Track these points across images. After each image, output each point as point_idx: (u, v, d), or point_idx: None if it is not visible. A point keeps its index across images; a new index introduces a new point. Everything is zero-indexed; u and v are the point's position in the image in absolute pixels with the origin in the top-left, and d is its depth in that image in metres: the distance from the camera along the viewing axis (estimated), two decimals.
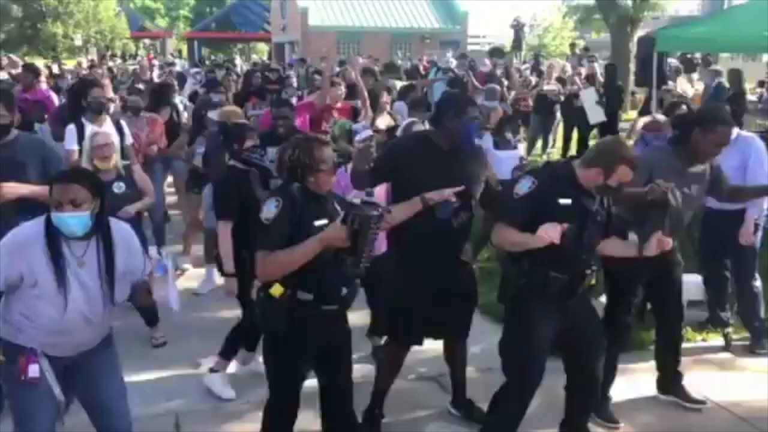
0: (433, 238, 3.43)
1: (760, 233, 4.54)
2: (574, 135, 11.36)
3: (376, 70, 10.27)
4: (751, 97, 13.78)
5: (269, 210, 2.86)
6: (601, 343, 3.48)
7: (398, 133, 5.14)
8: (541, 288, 3.22)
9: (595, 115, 10.09)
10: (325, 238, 2.81)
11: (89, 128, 5.22)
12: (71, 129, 5.37)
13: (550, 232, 2.99)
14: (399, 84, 10.42)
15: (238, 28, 37.13)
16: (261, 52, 42.70)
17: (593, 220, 3.25)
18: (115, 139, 5.09)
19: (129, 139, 5.72)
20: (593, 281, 3.41)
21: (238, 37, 40.23)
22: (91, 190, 2.64)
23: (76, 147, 5.23)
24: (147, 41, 46.13)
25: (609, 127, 10.21)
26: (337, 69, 15.57)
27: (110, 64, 20.30)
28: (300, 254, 2.82)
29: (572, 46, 19.94)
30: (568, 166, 3.33)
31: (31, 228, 2.67)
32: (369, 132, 4.44)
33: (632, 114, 14.07)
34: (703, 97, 11.49)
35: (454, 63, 17.46)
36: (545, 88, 11.19)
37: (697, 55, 13.10)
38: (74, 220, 2.60)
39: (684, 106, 5.79)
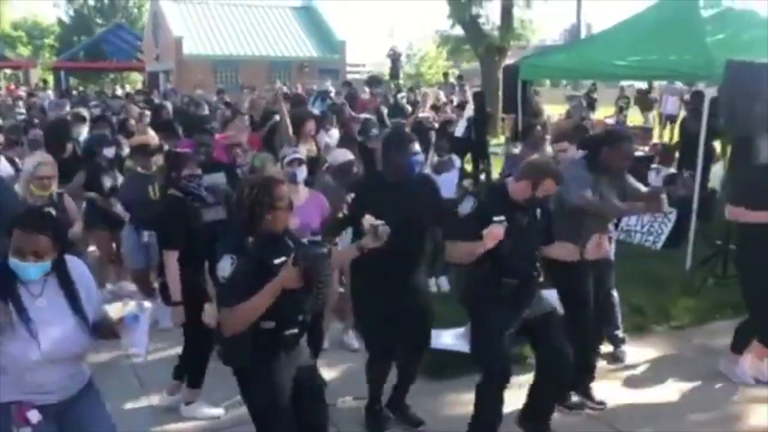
0: (388, 262, 3.68)
1: (613, 245, 4.82)
2: None
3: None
4: (609, 121, 14.86)
5: (224, 269, 2.89)
6: (558, 323, 3.88)
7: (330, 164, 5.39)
8: (495, 292, 3.65)
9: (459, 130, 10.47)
10: (278, 282, 2.86)
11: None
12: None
13: (494, 231, 3.40)
14: None
15: (109, 57, 35.70)
16: (135, 81, 41.23)
17: (528, 231, 3.67)
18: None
19: None
20: (540, 280, 3.83)
21: (110, 67, 38.67)
22: (54, 239, 2.62)
23: None
24: (8, 71, 43.45)
25: (479, 151, 10.62)
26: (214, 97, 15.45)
27: None
28: (261, 302, 2.87)
29: (445, 75, 20.69)
30: (503, 184, 3.80)
31: None
32: (297, 154, 4.51)
33: (502, 138, 14.73)
34: (566, 120, 12.23)
35: (332, 90, 17.73)
36: (420, 115, 11.48)
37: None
38: (35, 270, 2.60)
39: (539, 128, 6.38)
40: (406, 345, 4.09)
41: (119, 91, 23.43)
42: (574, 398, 4.42)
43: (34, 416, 2.68)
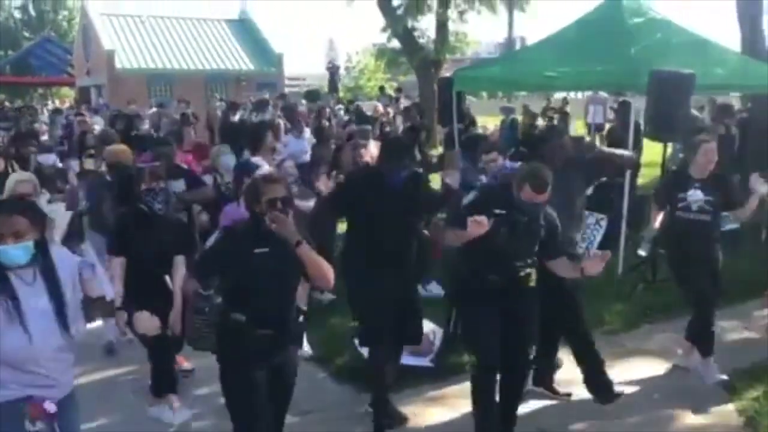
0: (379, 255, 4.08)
1: None
2: None
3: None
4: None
5: (210, 240, 3.22)
6: (530, 347, 4.05)
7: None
8: (480, 287, 3.81)
9: None
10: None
11: None
12: None
13: (478, 220, 3.53)
14: None
15: (37, 71, 34.52)
16: (66, 96, 39.97)
17: (524, 231, 3.78)
18: None
19: None
20: (531, 282, 3.91)
21: (38, 82, 37.39)
22: (32, 220, 2.66)
23: None
24: None
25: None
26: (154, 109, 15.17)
27: None
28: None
29: (381, 88, 20.79)
30: (509, 185, 3.91)
31: None
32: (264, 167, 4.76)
33: (440, 149, 14.85)
34: (500, 130, 12.44)
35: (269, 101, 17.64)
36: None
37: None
38: (18, 251, 2.60)
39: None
40: (395, 340, 4.32)
41: (53, 106, 22.68)
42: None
43: (51, 407, 2.66)
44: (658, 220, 5.13)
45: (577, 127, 15.64)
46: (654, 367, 5.20)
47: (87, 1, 29.20)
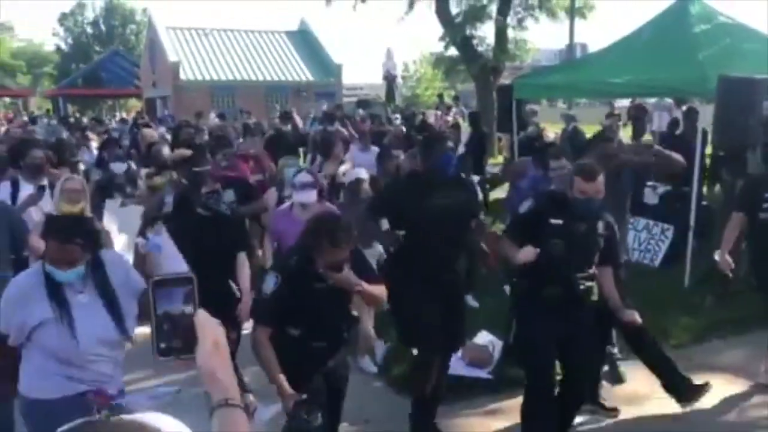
0: (425, 261, 3.95)
1: None
2: None
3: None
4: None
5: (268, 285, 3.11)
6: (591, 362, 3.97)
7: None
8: (537, 299, 3.69)
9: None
10: (282, 388, 3.01)
11: (25, 188, 5.29)
12: (5, 186, 5.36)
13: (528, 253, 3.52)
14: None
15: (106, 84, 35.88)
16: (134, 106, 41.40)
17: (584, 241, 3.69)
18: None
19: None
20: (593, 296, 3.81)
21: (107, 94, 38.86)
22: (84, 244, 2.73)
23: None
24: (7, 100, 43.70)
25: (476, 170, 10.58)
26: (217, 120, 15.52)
27: None
28: (269, 368, 3.05)
29: (440, 96, 20.74)
30: (563, 192, 3.85)
31: (29, 275, 2.81)
32: (309, 177, 4.77)
33: (499, 158, 14.71)
34: (561, 138, 12.22)
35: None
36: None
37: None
38: (70, 276, 2.71)
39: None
40: (444, 347, 4.19)
41: (120, 116, 23.47)
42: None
43: (112, 390, 2.77)
44: (735, 225, 4.94)
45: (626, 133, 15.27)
46: (730, 386, 4.98)
47: (153, 15, 30.22)
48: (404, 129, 11.99)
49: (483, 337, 5.55)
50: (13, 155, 5.81)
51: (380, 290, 3.33)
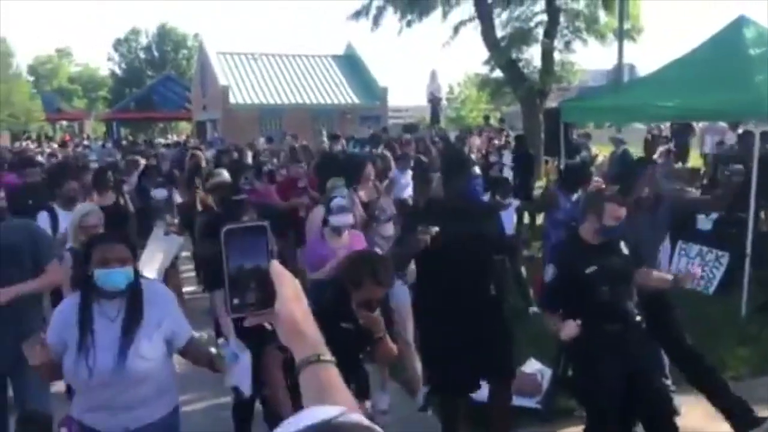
0: (453, 290, 3.76)
1: None
2: None
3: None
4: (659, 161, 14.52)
5: None
6: (666, 394, 3.85)
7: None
8: (596, 338, 3.56)
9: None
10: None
11: (62, 216, 5.31)
12: (44, 216, 5.37)
13: (569, 330, 3.44)
14: None
15: (158, 107, 36.89)
16: (183, 130, 42.43)
17: (621, 271, 3.62)
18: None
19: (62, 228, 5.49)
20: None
21: (159, 117, 39.93)
22: (130, 251, 2.85)
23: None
24: (64, 123, 45.30)
25: (522, 193, 10.50)
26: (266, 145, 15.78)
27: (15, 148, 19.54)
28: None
29: (486, 118, 20.69)
30: (574, 235, 3.76)
31: (71, 298, 2.89)
32: (345, 201, 4.67)
33: (545, 180, 14.54)
34: (609, 163, 12.03)
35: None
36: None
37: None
38: (121, 275, 2.75)
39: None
40: (489, 377, 4.02)
41: (173, 138, 23.99)
42: None
43: (150, 418, 2.81)
44: None
45: (693, 159, 14.96)
46: None
47: (205, 41, 31.03)
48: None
49: (531, 366, 5.46)
50: (50, 183, 5.86)
51: (393, 347, 3.24)
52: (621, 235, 3.72)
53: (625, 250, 3.73)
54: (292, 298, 1.22)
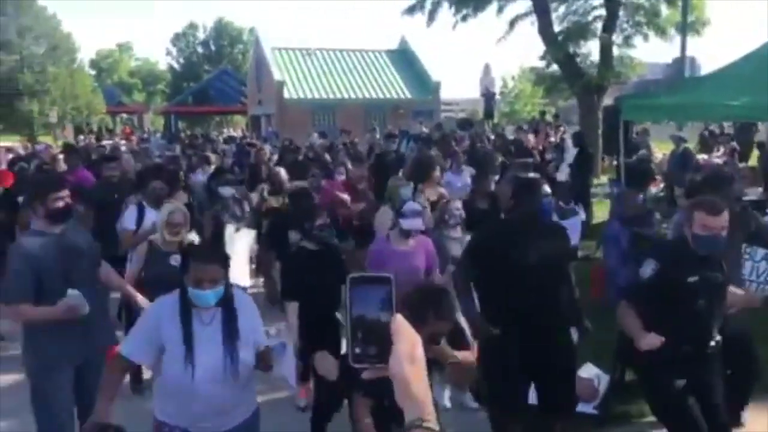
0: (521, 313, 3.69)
1: None
2: None
3: None
4: (717, 160, 14.10)
5: None
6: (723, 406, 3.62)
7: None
8: (671, 358, 3.38)
9: (562, 175, 10.22)
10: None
11: (148, 212, 5.54)
12: (132, 211, 5.64)
13: (652, 341, 3.26)
14: None
15: (214, 101, 37.60)
16: (239, 123, 43.15)
17: (719, 290, 3.45)
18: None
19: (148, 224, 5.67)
20: (719, 349, 3.56)
21: (215, 111, 40.69)
22: (223, 266, 2.93)
23: (129, 227, 5.54)
24: (124, 116, 46.59)
25: (581, 192, 10.33)
26: (319, 140, 15.89)
27: (80, 142, 20.14)
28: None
29: (542, 113, 20.39)
30: (684, 240, 3.51)
31: (166, 303, 2.92)
32: (417, 206, 4.62)
33: (603, 179, 14.29)
34: (669, 162, 11.74)
35: (425, 130, 17.79)
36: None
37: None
38: (212, 296, 2.86)
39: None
40: (547, 405, 3.90)
41: (230, 133, 24.35)
42: None
43: (234, 420, 2.90)
44: None
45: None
46: None
47: (260, 36, 31.44)
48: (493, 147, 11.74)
49: (588, 371, 5.38)
50: (139, 181, 6.08)
51: (471, 361, 3.20)
52: (723, 250, 3.50)
53: (725, 266, 3.55)
54: (406, 357, 1.20)
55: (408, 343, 1.21)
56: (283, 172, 7.53)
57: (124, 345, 2.92)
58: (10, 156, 11.37)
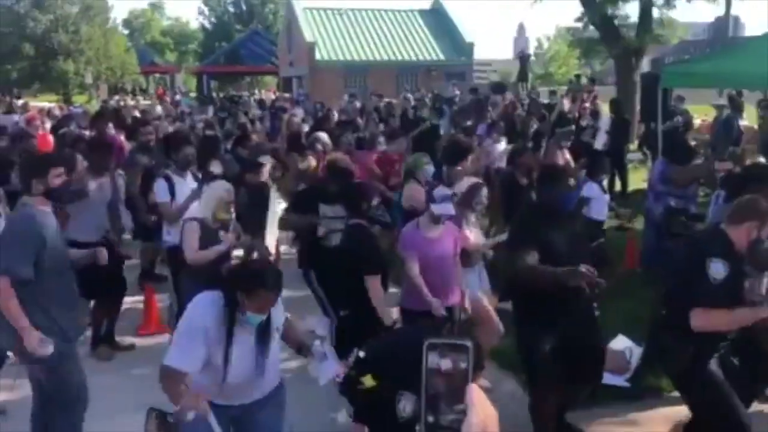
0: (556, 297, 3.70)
1: None
2: None
3: None
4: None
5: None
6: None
7: None
8: (710, 355, 3.38)
9: (600, 142, 10.04)
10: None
11: (178, 182, 5.49)
12: (162, 183, 5.53)
13: (755, 314, 3.23)
14: None
15: (245, 61, 37.53)
16: (269, 84, 43.07)
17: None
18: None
19: None
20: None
21: (246, 71, 40.63)
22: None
23: (166, 199, 5.48)
24: (157, 75, 46.82)
25: (617, 159, 10.17)
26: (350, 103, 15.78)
27: (114, 103, 20.30)
28: None
29: (578, 77, 19.96)
30: (720, 231, 3.41)
31: (210, 314, 2.84)
32: (447, 191, 4.60)
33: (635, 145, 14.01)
34: (711, 129, 11.46)
35: (457, 93, 17.56)
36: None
37: None
38: (260, 319, 2.87)
39: None
40: (576, 382, 3.96)
41: (261, 95, 24.29)
42: None
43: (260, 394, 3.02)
44: None
45: None
46: None
47: None
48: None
49: (620, 343, 5.37)
50: (167, 148, 6.00)
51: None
52: None
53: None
54: (479, 428, 1.17)
55: (482, 415, 1.18)
56: (325, 136, 7.45)
57: (176, 358, 2.83)
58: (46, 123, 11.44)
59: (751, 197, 3.49)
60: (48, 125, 10.46)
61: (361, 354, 3.20)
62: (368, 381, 3.05)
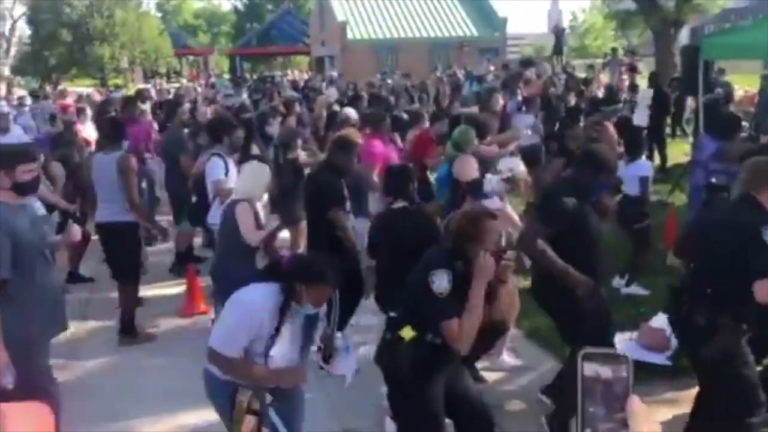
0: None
1: None
2: None
3: None
4: None
5: (442, 283, 2.96)
6: None
7: None
8: (741, 333, 3.36)
9: (641, 118, 9.87)
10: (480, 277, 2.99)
11: (230, 163, 5.69)
12: (219, 161, 5.68)
13: None
14: None
15: (277, 42, 37.58)
16: (301, 63, 43.09)
17: None
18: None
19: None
20: None
21: (278, 52, 40.69)
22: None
23: (223, 177, 5.60)
24: (191, 58, 47.16)
25: (656, 133, 9.99)
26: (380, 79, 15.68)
27: (149, 87, 20.49)
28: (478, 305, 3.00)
29: (614, 50, 19.51)
30: (752, 199, 3.35)
31: (267, 305, 2.89)
32: (501, 183, 4.71)
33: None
34: (758, 100, 11.14)
35: (491, 69, 17.30)
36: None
37: None
38: (317, 309, 3.00)
39: None
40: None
41: (293, 76, 24.37)
42: None
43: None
44: None
45: None
46: None
47: None
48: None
49: (659, 321, 5.32)
50: (218, 130, 6.05)
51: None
52: None
53: None
54: None
55: (645, 428, 1.13)
56: (352, 112, 7.54)
57: (226, 343, 2.91)
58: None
59: (762, 159, 3.47)
60: (89, 112, 10.61)
61: (392, 313, 3.22)
62: (407, 333, 3.03)
